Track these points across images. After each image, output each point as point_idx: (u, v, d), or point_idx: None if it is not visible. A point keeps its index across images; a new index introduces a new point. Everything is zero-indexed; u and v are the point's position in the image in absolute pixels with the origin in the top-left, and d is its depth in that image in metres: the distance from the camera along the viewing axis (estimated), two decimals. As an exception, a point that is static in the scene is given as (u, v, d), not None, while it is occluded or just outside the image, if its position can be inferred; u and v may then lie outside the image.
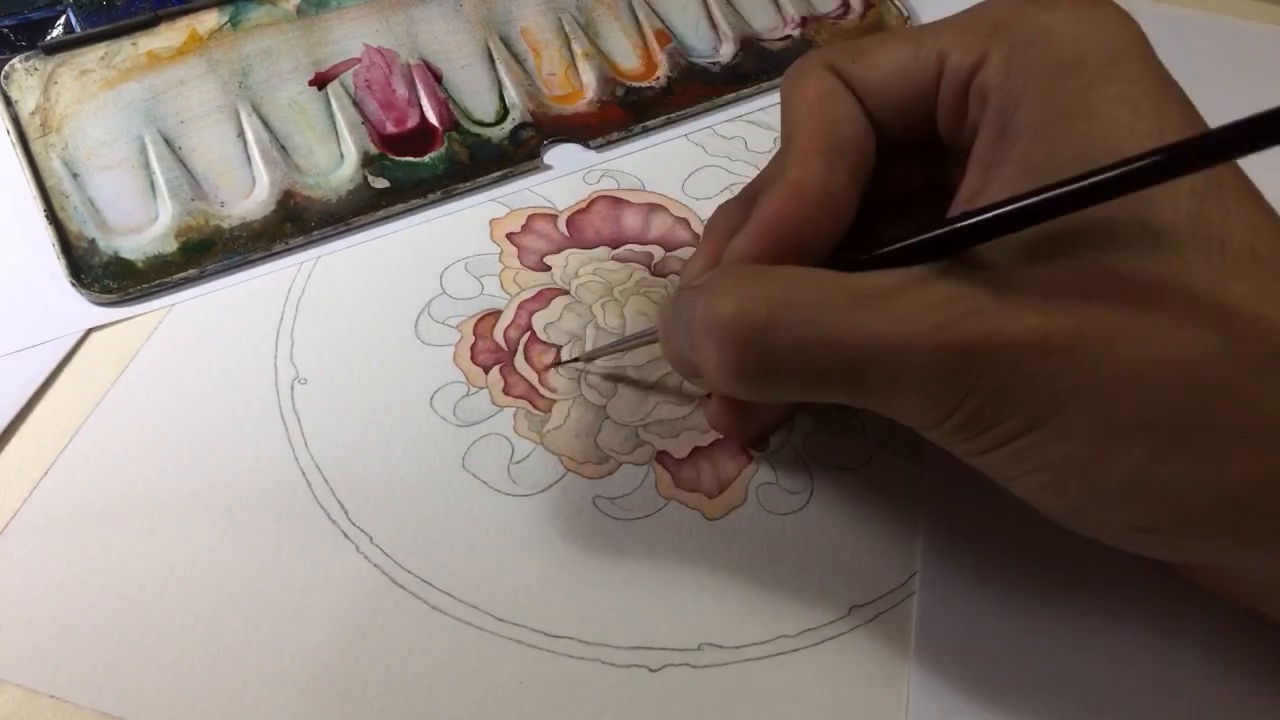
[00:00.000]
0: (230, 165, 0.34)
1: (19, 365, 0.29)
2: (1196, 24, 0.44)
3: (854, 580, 0.25)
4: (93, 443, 0.28)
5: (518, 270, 0.33)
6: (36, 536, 0.25)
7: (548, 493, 0.27)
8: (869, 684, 0.23)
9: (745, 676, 0.23)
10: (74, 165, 0.33)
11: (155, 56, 0.34)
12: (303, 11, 0.36)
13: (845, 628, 0.24)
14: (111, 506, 0.26)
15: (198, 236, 0.32)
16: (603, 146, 0.37)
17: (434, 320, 0.31)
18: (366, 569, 0.25)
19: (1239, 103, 0.20)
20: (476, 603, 0.24)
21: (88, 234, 0.32)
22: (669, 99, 0.38)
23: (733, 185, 0.36)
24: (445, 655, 0.24)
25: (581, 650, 0.24)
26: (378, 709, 0.23)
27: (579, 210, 0.35)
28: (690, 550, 0.26)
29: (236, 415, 0.28)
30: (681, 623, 0.24)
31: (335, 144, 0.35)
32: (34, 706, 0.23)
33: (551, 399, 0.29)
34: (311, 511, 0.26)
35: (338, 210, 0.34)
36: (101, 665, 0.23)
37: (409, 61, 0.37)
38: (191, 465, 0.27)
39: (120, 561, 0.25)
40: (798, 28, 0.41)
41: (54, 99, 0.33)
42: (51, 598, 0.24)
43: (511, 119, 0.37)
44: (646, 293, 0.32)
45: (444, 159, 0.35)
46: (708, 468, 0.27)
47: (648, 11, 0.40)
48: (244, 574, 0.25)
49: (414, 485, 0.27)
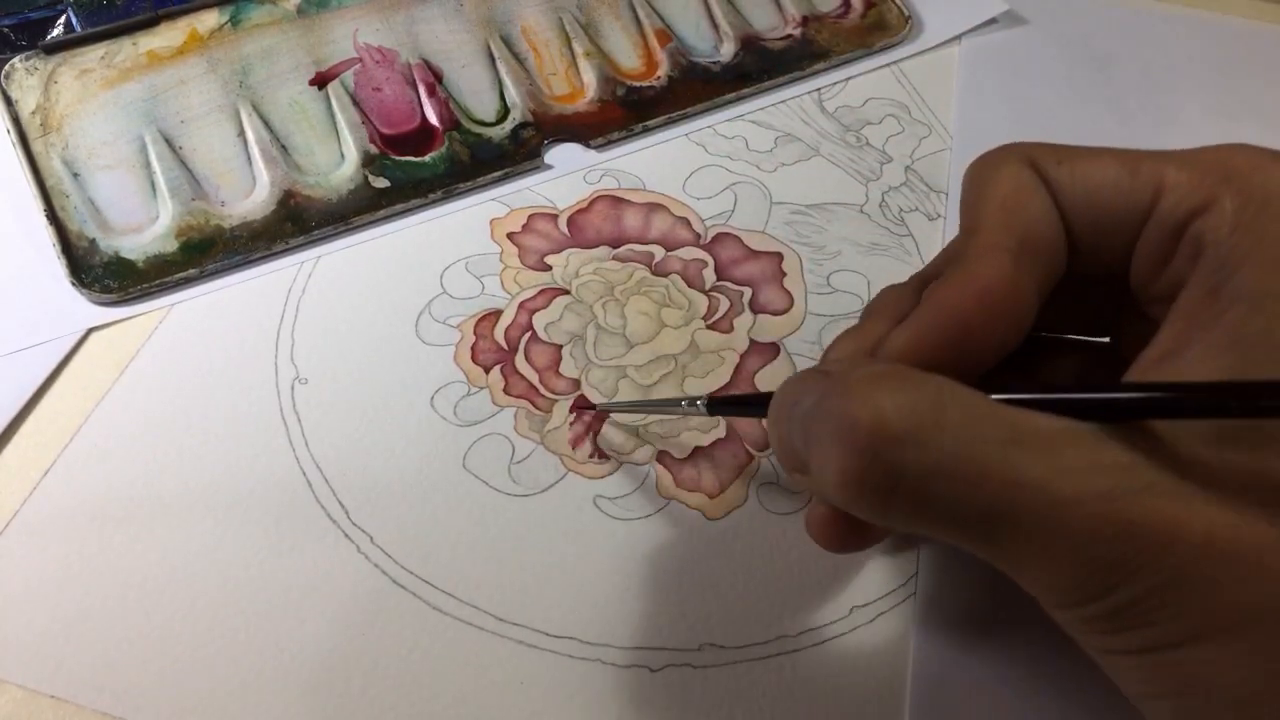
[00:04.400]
0: (231, 165, 0.34)
1: (19, 365, 0.29)
2: (1196, 24, 0.44)
3: (854, 580, 0.25)
4: (93, 443, 0.28)
5: (518, 270, 0.33)
6: (36, 536, 0.25)
7: (548, 493, 0.27)
8: (869, 684, 0.23)
9: (746, 676, 0.23)
10: (74, 165, 0.32)
11: (155, 56, 0.34)
12: (303, 11, 0.36)
13: (845, 628, 0.24)
14: (111, 506, 0.26)
15: (198, 236, 0.32)
16: (603, 146, 0.37)
17: (435, 320, 0.31)
18: (367, 569, 0.25)
19: (1239, 103, 0.20)
20: (477, 602, 0.24)
21: (88, 234, 0.32)
22: (670, 98, 0.38)
23: (734, 185, 0.36)
24: (445, 655, 0.24)
25: (582, 650, 0.24)
26: (378, 709, 0.23)
27: (580, 210, 0.35)
28: (691, 550, 0.26)
29: (237, 415, 0.28)
30: (682, 623, 0.24)
31: (336, 144, 0.35)
32: (34, 706, 0.23)
33: (552, 399, 0.29)
34: (312, 511, 0.26)
35: (338, 210, 0.34)
36: (101, 665, 0.23)
37: (409, 61, 0.37)
38: (191, 465, 0.27)
39: (120, 561, 0.25)
40: (799, 27, 0.41)
41: (54, 98, 0.33)
42: (51, 598, 0.24)
43: (512, 118, 0.37)
44: (647, 292, 0.32)
45: (444, 158, 0.35)
46: (708, 468, 0.27)
47: (648, 11, 0.40)
48: (244, 573, 0.25)
49: (414, 485, 0.27)
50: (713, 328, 0.31)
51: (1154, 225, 0.20)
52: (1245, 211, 0.18)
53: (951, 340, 0.19)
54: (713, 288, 0.32)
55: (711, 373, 0.30)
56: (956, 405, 0.17)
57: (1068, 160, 0.21)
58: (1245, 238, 0.18)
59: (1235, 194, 0.19)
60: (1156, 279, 0.21)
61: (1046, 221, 0.20)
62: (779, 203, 0.35)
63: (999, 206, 0.20)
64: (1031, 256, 0.20)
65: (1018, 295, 0.20)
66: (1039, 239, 0.20)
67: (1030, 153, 0.21)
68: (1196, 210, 0.19)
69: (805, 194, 0.36)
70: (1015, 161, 0.21)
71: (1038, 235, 0.20)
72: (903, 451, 0.17)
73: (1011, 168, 0.21)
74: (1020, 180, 0.21)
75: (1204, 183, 0.19)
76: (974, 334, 0.19)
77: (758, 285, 0.32)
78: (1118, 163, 0.21)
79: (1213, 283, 0.19)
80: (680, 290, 0.32)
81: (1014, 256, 0.20)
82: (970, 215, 0.21)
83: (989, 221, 0.20)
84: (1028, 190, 0.21)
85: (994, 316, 0.19)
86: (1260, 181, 0.19)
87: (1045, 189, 0.21)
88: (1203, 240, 0.19)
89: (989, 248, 0.20)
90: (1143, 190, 0.20)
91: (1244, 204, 0.19)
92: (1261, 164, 0.19)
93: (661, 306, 0.31)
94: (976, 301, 0.19)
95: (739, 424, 0.28)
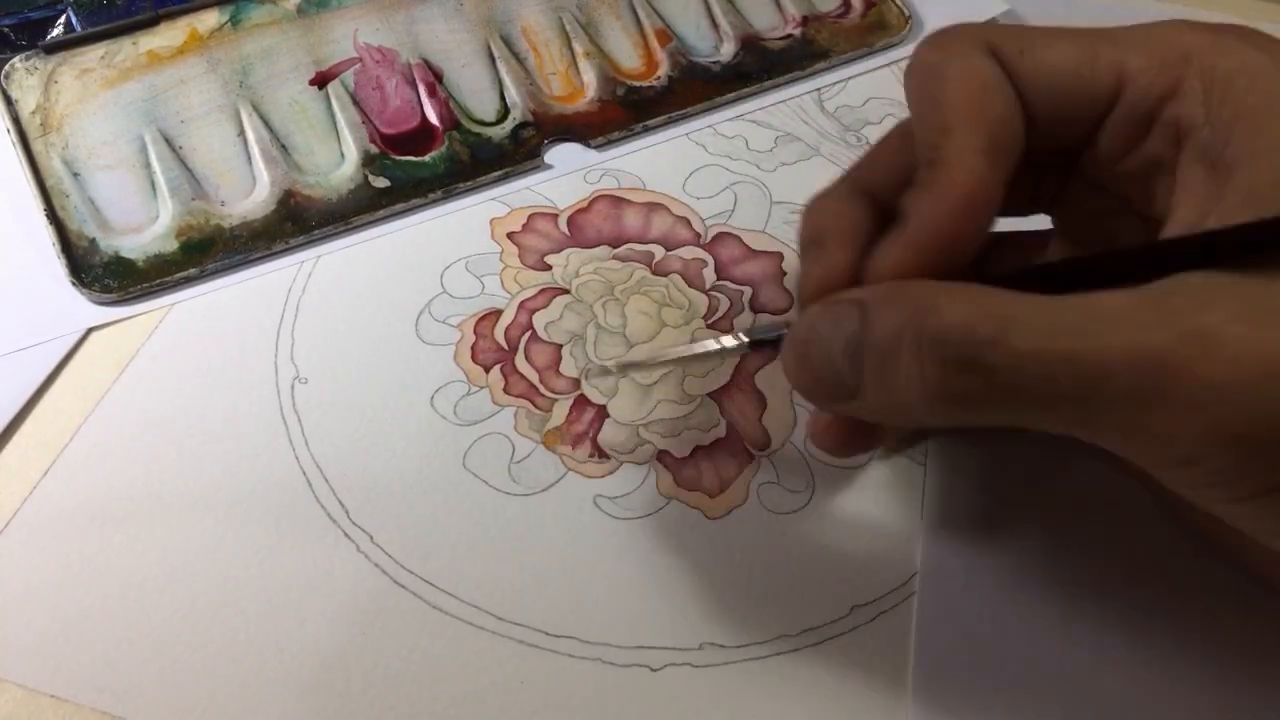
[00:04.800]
0: (231, 165, 0.34)
1: (19, 365, 0.29)
2: (1198, 23, 0.44)
3: (854, 580, 0.25)
4: (93, 443, 0.28)
5: (518, 269, 0.33)
6: (36, 536, 0.25)
7: (548, 492, 0.27)
8: (869, 684, 0.23)
9: (746, 676, 0.23)
10: (74, 165, 0.32)
11: (156, 56, 0.34)
12: (303, 11, 0.36)
13: (846, 627, 0.24)
14: (111, 506, 0.26)
15: (198, 236, 0.32)
16: (603, 146, 0.37)
17: (435, 319, 0.31)
18: (367, 568, 0.25)
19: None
20: (477, 602, 0.24)
21: (88, 233, 0.32)
22: (670, 98, 0.38)
23: (734, 184, 0.36)
24: (445, 655, 0.23)
25: (582, 650, 0.24)
26: (378, 708, 0.23)
27: (580, 209, 0.35)
28: (691, 550, 0.26)
29: (237, 414, 0.28)
30: (682, 622, 0.24)
31: (336, 143, 0.35)
32: (34, 706, 0.22)
33: (552, 398, 0.29)
34: (312, 511, 0.26)
35: (338, 209, 0.34)
36: (101, 665, 0.23)
37: (409, 61, 0.37)
38: (191, 465, 0.27)
39: (120, 561, 0.25)
40: (799, 27, 0.41)
41: (54, 98, 0.33)
42: (51, 597, 0.24)
43: (512, 118, 0.37)
44: (647, 292, 0.32)
45: (445, 158, 0.35)
46: (709, 467, 0.27)
47: (649, 10, 0.40)
48: (244, 573, 0.25)
49: (414, 484, 0.27)
50: (713, 327, 0.31)
51: (1122, 111, 0.21)
52: (1213, 91, 0.19)
53: (944, 250, 0.20)
54: (713, 287, 0.32)
55: (711, 372, 0.30)
56: (1013, 302, 0.18)
57: (1029, 48, 0.21)
58: (1222, 112, 0.19)
59: (1198, 76, 0.20)
60: (1126, 158, 0.21)
61: (1012, 116, 0.21)
62: (779, 202, 0.35)
63: (967, 102, 0.20)
64: (1001, 153, 0.20)
65: (994, 196, 0.20)
66: (1006, 135, 0.21)
67: (989, 39, 0.21)
68: (1164, 96, 0.20)
69: (806, 194, 0.35)
70: (976, 51, 0.21)
71: (1005, 132, 0.21)
72: (993, 351, 0.17)
73: (974, 60, 0.21)
74: (986, 75, 0.21)
75: (1166, 66, 0.20)
76: (962, 240, 0.20)
77: (758, 285, 0.32)
78: (1076, 49, 0.21)
79: (1209, 159, 0.19)
80: (680, 290, 0.32)
81: (987, 157, 0.20)
82: (935, 109, 0.21)
83: (958, 121, 0.20)
84: (994, 85, 0.21)
85: (978, 220, 0.20)
86: (1219, 62, 0.20)
87: (1008, 81, 0.21)
88: (1180, 124, 0.20)
89: (965, 150, 0.20)
90: (1104, 77, 0.21)
91: (1209, 84, 0.19)
92: (1213, 42, 0.20)
93: (661, 306, 0.31)
94: (963, 208, 0.20)
95: (739, 423, 0.28)
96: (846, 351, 0.20)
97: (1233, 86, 0.19)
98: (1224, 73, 0.19)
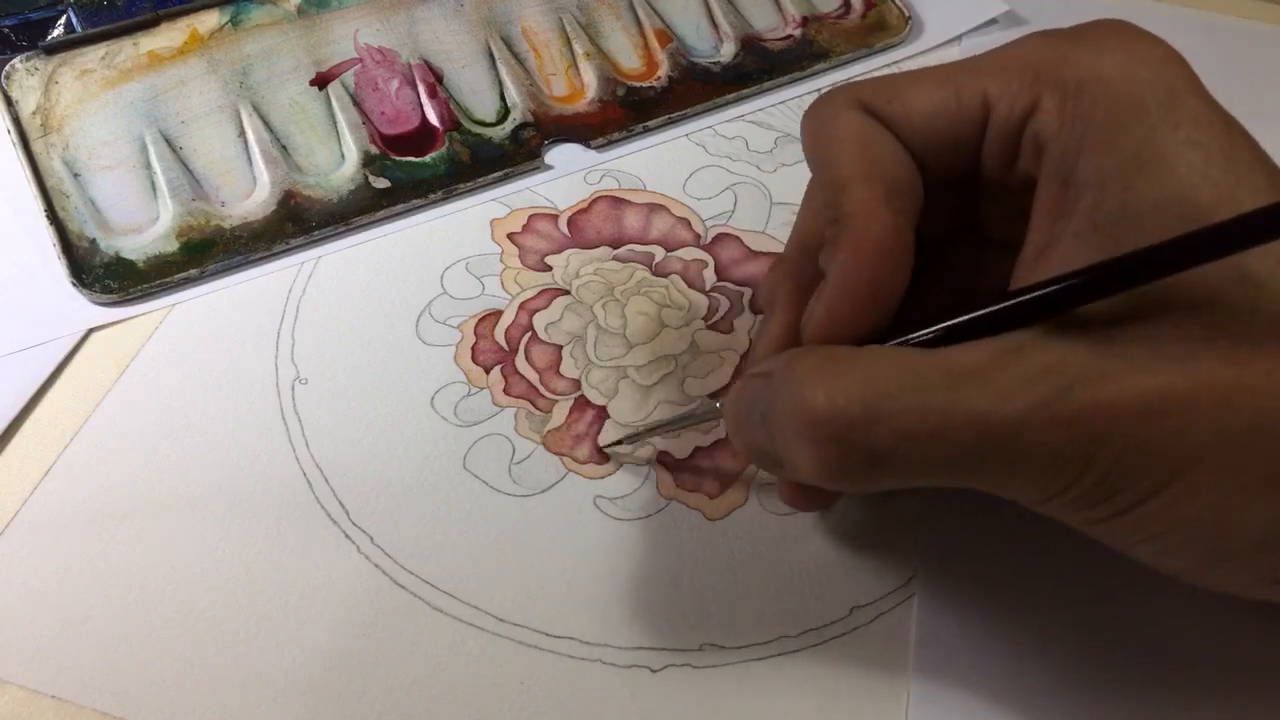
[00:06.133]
0: (231, 165, 0.34)
1: (19, 365, 0.29)
2: (1196, 24, 0.44)
3: (854, 580, 0.25)
4: (93, 443, 0.28)
5: (519, 270, 0.33)
6: (36, 536, 0.25)
7: (548, 493, 0.27)
8: (869, 684, 0.23)
9: (746, 676, 0.23)
10: (75, 165, 0.33)
11: (156, 56, 0.34)
12: (303, 11, 0.36)
13: (846, 628, 0.24)
14: (111, 506, 0.26)
15: (198, 236, 0.32)
16: (604, 146, 0.37)
17: (435, 320, 0.31)
18: (367, 569, 0.25)
19: (1239, 103, 0.20)
20: (477, 603, 0.24)
21: (88, 234, 0.32)
22: (670, 99, 0.38)
23: (734, 185, 0.36)
24: (446, 656, 0.24)
25: (582, 651, 0.24)
26: (378, 709, 0.23)
27: (580, 210, 0.35)
28: (691, 550, 0.26)
29: (237, 415, 0.28)
30: (682, 623, 0.24)
31: (336, 144, 0.35)
32: (34, 706, 0.23)
33: (552, 399, 0.29)
34: (312, 511, 0.26)
35: (338, 210, 0.34)
36: (101, 665, 0.23)
37: (410, 61, 0.37)
38: (191, 465, 0.27)
39: (120, 561, 0.25)
40: (799, 27, 0.41)
41: (55, 99, 0.33)
42: (51, 598, 0.24)
43: (512, 119, 0.37)
44: (647, 293, 0.32)
45: (445, 159, 0.35)
46: (709, 468, 0.27)
47: (649, 11, 0.40)
48: (244, 574, 0.25)
49: (415, 485, 0.27)
50: (713, 328, 0.31)
51: (992, 135, 0.21)
52: (1065, 105, 0.20)
53: (863, 303, 0.20)
54: (713, 288, 0.32)
55: (712, 373, 0.30)
56: (893, 368, 0.19)
57: (895, 96, 0.22)
58: (1075, 127, 0.20)
59: (1053, 89, 0.20)
60: (1009, 176, 0.22)
61: (899, 160, 0.22)
62: (779, 203, 0.35)
63: (855, 157, 0.21)
64: (899, 197, 0.21)
65: (904, 240, 0.21)
66: (900, 179, 0.21)
67: (859, 96, 0.22)
68: (1025, 113, 0.21)
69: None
70: (848, 110, 0.22)
71: (898, 176, 0.21)
72: (868, 431, 0.18)
73: (850, 116, 0.22)
74: (863, 127, 0.22)
75: (1022, 86, 0.21)
76: (880, 289, 0.20)
77: (758, 286, 0.32)
78: (939, 86, 0.22)
79: (1060, 176, 0.20)
80: (680, 291, 0.32)
81: (888, 203, 0.21)
82: (829, 170, 0.22)
83: (852, 175, 0.21)
84: (873, 136, 0.22)
85: (892, 267, 0.20)
86: (1072, 73, 0.20)
87: (885, 129, 0.22)
88: (1041, 140, 0.20)
89: (864, 203, 0.20)
90: (970, 108, 0.21)
91: (1061, 98, 0.20)
92: (1062, 53, 0.20)
93: (662, 307, 0.31)
94: (874, 259, 0.20)
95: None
96: (763, 423, 0.20)
97: (1083, 98, 0.20)
98: (1075, 85, 0.20)
